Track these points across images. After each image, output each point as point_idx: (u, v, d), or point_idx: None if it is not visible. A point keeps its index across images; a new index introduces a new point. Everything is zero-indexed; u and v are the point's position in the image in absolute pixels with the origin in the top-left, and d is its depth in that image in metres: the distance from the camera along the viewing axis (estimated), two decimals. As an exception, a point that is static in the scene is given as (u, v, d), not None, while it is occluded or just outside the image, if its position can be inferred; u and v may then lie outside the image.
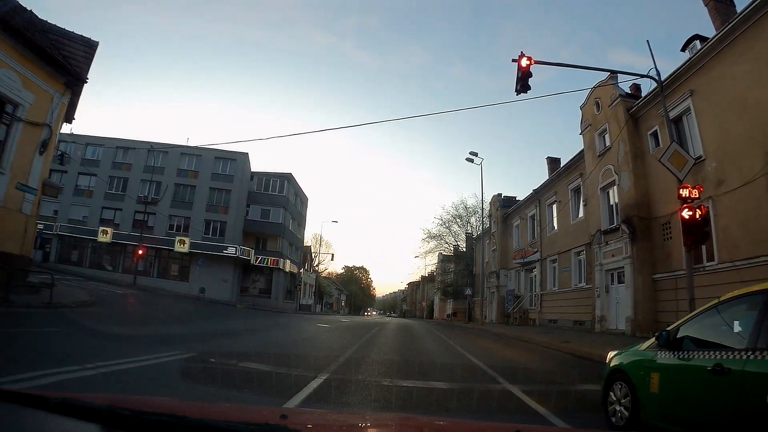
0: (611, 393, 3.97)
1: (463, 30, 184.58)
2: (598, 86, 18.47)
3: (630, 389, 3.67)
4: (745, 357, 2.63)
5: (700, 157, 12.72)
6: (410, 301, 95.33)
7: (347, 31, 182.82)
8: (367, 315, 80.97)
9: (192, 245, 34.24)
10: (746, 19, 11.36)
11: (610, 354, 4.33)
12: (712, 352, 2.93)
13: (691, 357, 3.12)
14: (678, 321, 3.62)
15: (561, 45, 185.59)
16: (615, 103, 17.74)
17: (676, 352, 3.28)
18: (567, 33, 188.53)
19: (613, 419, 3.83)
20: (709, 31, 14.42)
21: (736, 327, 3.07)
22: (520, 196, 32.82)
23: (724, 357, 2.78)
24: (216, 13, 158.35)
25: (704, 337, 3.24)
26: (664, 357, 3.38)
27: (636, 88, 18.52)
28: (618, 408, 3.80)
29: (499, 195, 36.26)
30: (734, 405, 2.64)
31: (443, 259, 50.53)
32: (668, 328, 3.51)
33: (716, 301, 3.24)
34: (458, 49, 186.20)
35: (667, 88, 12.86)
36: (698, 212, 8.02)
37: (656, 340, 3.51)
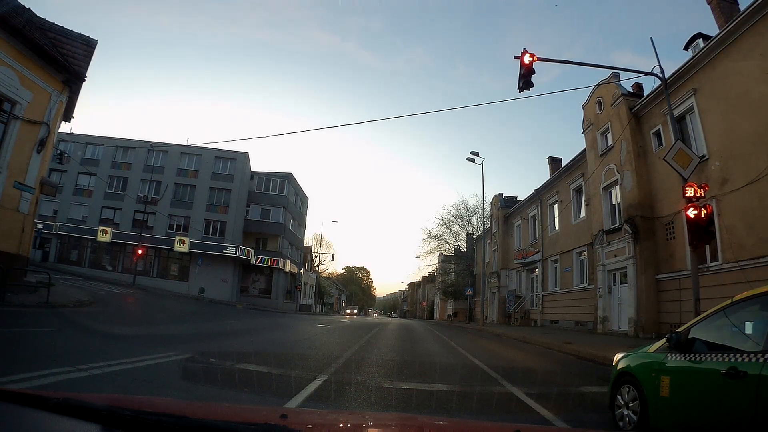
0: (618, 396, 3.85)
1: (467, 31, 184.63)
2: (600, 85, 18.36)
3: (638, 393, 3.55)
4: (761, 360, 2.52)
5: (703, 156, 12.61)
6: (411, 301, 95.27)
7: (350, 31, 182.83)
8: (348, 315, 55.47)
9: (192, 245, 34.18)
10: (751, 16, 11.24)
11: (618, 356, 4.22)
12: (725, 355, 2.82)
13: (703, 359, 3.01)
14: (688, 322, 3.51)
15: (564, 47, 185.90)
16: (617, 101, 17.63)
17: (687, 355, 3.16)
18: (570, 35, 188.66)
19: (621, 423, 3.72)
20: (712, 29, 14.34)
21: (750, 328, 2.96)
22: (522, 196, 32.79)
23: (739, 359, 2.67)
24: (217, 12, 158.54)
25: (717, 338, 3.13)
26: (675, 359, 3.27)
27: (638, 87, 18.44)
28: (626, 412, 3.69)
29: (500, 195, 36.18)
30: (750, 410, 2.52)
31: (444, 260, 50.40)
32: (679, 330, 3.40)
33: (728, 301, 3.13)
34: (461, 50, 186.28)
35: (670, 86, 12.75)
36: (704, 211, 7.90)
37: (667, 341, 3.40)
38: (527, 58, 10.04)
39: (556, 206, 25.54)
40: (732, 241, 11.59)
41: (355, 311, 69.26)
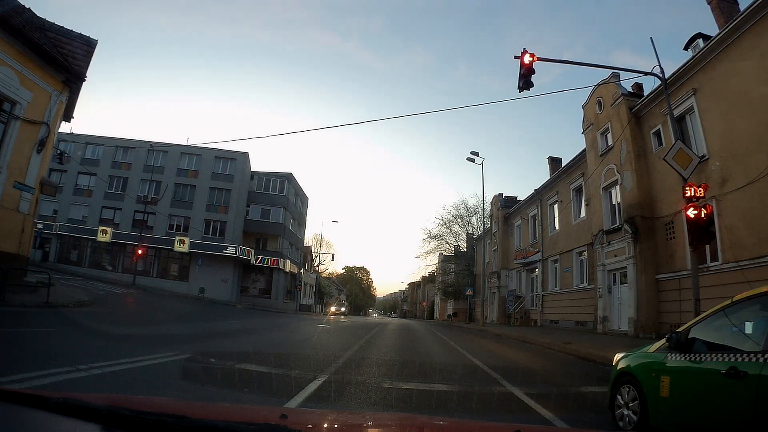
0: (618, 396, 3.85)
1: (467, 31, 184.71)
2: (600, 85, 18.35)
3: (638, 393, 3.55)
4: (761, 360, 2.52)
5: (703, 156, 12.60)
6: (411, 301, 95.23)
7: (350, 31, 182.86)
8: (333, 314, 46.49)
9: (192, 245, 34.16)
10: (751, 16, 11.24)
11: (618, 356, 4.22)
12: (725, 355, 2.82)
13: (703, 359, 3.01)
14: (688, 322, 3.51)
15: (564, 47, 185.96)
16: (617, 101, 17.63)
17: (687, 355, 3.16)
18: (571, 35, 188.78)
19: (621, 423, 3.72)
20: (712, 29, 14.33)
21: (750, 328, 2.96)
22: (522, 196, 32.78)
23: (739, 359, 2.67)
24: (218, 12, 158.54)
25: (717, 338, 3.12)
26: (675, 359, 3.27)
27: (638, 87, 18.43)
28: (626, 412, 3.69)
29: (500, 195, 36.18)
30: (750, 410, 2.52)
31: (444, 260, 50.40)
32: (679, 330, 3.40)
33: (728, 301, 3.13)
34: (462, 50, 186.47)
35: (670, 86, 12.74)
36: (704, 211, 7.90)
37: (667, 341, 3.40)
38: (527, 58, 10.04)
39: (556, 206, 25.53)
40: (732, 241, 11.59)
41: (342, 309, 56.48)
